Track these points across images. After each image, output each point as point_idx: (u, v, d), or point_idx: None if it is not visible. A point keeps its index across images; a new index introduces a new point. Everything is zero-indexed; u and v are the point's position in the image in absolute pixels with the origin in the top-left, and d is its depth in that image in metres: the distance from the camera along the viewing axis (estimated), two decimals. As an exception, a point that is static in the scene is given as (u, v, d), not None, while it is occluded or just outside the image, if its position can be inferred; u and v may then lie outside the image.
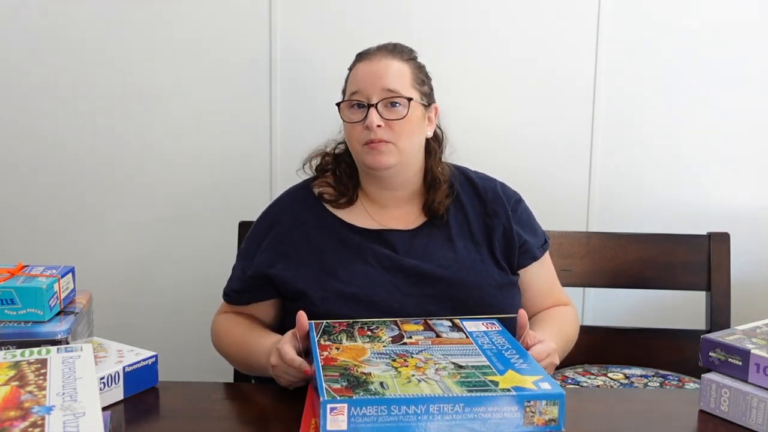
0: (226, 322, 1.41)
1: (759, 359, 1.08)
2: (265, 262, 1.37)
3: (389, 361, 1.08)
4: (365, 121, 1.32)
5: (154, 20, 1.90)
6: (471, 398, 0.97)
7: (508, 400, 0.97)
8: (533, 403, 0.98)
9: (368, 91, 1.33)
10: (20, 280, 1.18)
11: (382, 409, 0.95)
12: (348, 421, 0.94)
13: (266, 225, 1.42)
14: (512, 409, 0.97)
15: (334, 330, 1.20)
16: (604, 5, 1.89)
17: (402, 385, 1.00)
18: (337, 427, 0.94)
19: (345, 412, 0.94)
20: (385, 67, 1.35)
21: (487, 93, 1.93)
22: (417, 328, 1.22)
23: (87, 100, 1.93)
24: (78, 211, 1.97)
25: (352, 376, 1.02)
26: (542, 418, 0.98)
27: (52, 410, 0.88)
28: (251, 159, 1.95)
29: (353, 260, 1.34)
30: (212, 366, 1.74)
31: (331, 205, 1.41)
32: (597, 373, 1.66)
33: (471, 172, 1.49)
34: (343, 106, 1.37)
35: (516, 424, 0.97)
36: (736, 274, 1.78)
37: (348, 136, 1.38)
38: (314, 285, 1.32)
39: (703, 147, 1.95)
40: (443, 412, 0.96)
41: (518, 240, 1.41)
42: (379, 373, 1.03)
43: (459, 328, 1.22)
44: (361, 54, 1.41)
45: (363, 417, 0.94)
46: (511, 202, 1.44)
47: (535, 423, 0.98)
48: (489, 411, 0.97)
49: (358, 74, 1.37)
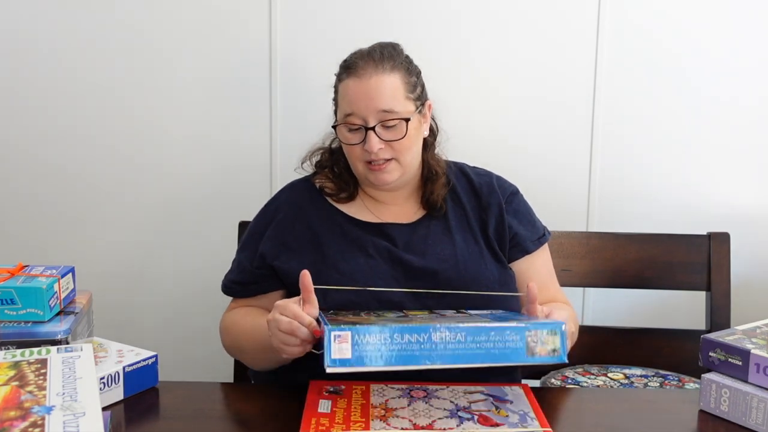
0: (234, 316, 1.39)
1: (759, 359, 1.08)
2: (269, 254, 1.37)
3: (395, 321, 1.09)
4: (365, 145, 1.32)
5: (154, 20, 1.90)
6: (473, 328, 0.99)
7: (509, 331, 1.00)
8: (534, 332, 1.01)
9: (363, 113, 1.31)
10: (20, 280, 1.18)
11: (385, 338, 0.97)
12: (352, 348, 0.96)
13: (268, 217, 1.42)
14: (515, 338, 0.99)
15: (341, 313, 1.21)
16: (604, 5, 1.89)
17: (404, 321, 1.02)
18: (342, 356, 0.96)
19: (349, 339, 0.96)
20: (377, 86, 1.31)
21: (487, 93, 1.93)
22: (422, 313, 1.24)
23: (87, 100, 1.93)
24: (78, 210, 1.98)
25: (356, 323, 1.03)
26: (545, 348, 1.01)
27: (52, 410, 0.88)
28: (251, 159, 1.95)
29: (354, 252, 1.35)
30: (212, 366, 1.75)
31: (332, 198, 1.41)
32: (597, 373, 1.66)
33: (467, 167, 1.49)
34: (339, 128, 1.35)
35: (519, 354, 1.00)
36: (736, 274, 1.78)
37: (348, 155, 1.37)
38: (315, 275, 1.32)
39: (704, 147, 1.95)
40: (446, 340, 0.98)
41: (509, 232, 1.40)
42: (383, 322, 1.05)
43: (464, 313, 1.23)
44: (347, 67, 1.35)
45: (367, 345, 0.96)
46: (506, 194, 1.44)
47: (538, 353, 1.01)
48: (491, 341, 0.99)
49: (350, 94, 1.32)
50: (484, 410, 1.09)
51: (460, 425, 1.04)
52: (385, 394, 1.14)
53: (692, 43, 1.91)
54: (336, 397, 1.12)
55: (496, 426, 1.04)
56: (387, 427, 1.03)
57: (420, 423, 1.05)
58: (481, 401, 1.12)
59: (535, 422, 1.05)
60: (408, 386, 1.17)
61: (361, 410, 1.08)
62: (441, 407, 1.10)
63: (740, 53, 1.92)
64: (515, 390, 1.17)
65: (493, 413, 1.08)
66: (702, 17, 1.91)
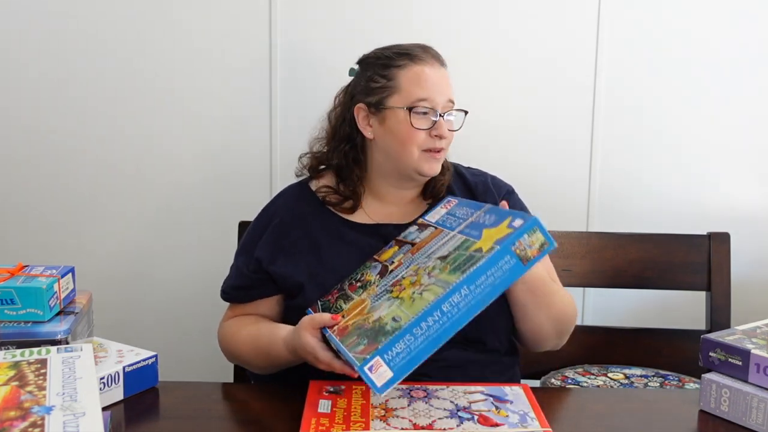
0: (234, 325, 1.39)
1: (759, 359, 1.08)
2: (266, 259, 1.37)
3: (388, 295, 1.11)
4: (432, 130, 1.33)
5: (154, 20, 1.90)
6: (468, 277, 1.01)
7: (497, 257, 1.02)
8: (518, 243, 1.03)
9: (437, 100, 1.33)
10: (20, 280, 1.18)
11: (407, 339, 0.99)
12: (390, 367, 0.98)
13: (265, 221, 1.42)
14: (506, 259, 1.02)
15: (330, 303, 1.22)
16: (604, 5, 1.89)
17: (409, 307, 1.03)
18: (385, 379, 0.98)
19: (382, 363, 0.98)
20: (443, 76, 1.37)
21: (487, 93, 1.93)
22: (393, 251, 1.27)
23: (86, 100, 1.93)
24: (78, 210, 1.98)
25: (367, 330, 1.04)
26: (533, 249, 1.04)
27: (52, 410, 0.88)
28: (251, 159, 1.95)
29: (351, 255, 1.34)
30: (212, 366, 1.74)
31: (336, 208, 1.41)
32: (597, 373, 1.66)
33: (462, 168, 1.49)
34: (402, 112, 1.33)
35: (517, 269, 1.02)
36: (736, 274, 1.78)
37: (405, 140, 1.34)
38: (312, 280, 1.32)
39: (704, 147, 1.95)
40: (455, 303, 1.01)
41: None
42: (386, 312, 1.06)
43: (425, 225, 1.26)
44: (406, 54, 1.35)
45: (398, 356, 0.99)
46: (501, 192, 1.44)
47: (531, 256, 1.03)
48: (489, 275, 1.02)
49: (425, 79, 1.33)
50: (484, 410, 1.09)
51: (460, 425, 1.04)
52: (385, 394, 1.14)
53: (692, 43, 1.92)
54: (336, 397, 1.12)
55: (496, 426, 1.04)
56: (387, 427, 1.03)
57: (420, 423, 1.05)
58: (481, 401, 1.12)
59: (535, 422, 1.05)
60: (408, 386, 1.17)
61: (361, 410, 1.08)
62: (441, 407, 1.10)
63: (740, 53, 1.92)
64: (515, 390, 1.17)
65: (493, 413, 1.08)
66: (702, 17, 1.91)
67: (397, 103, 1.34)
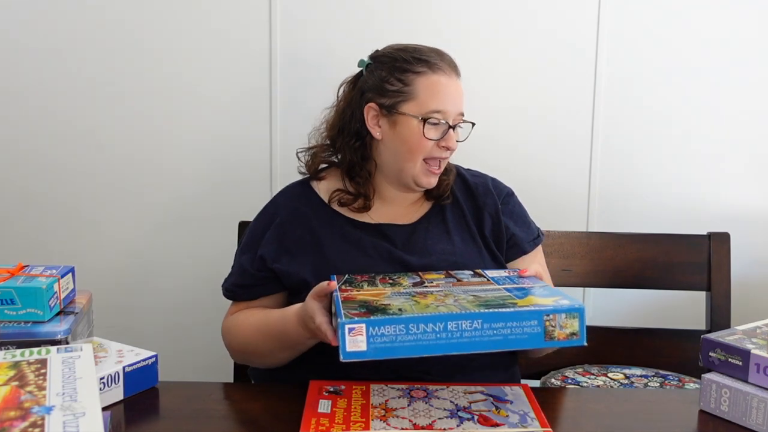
0: (241, 315, 1.38)
1: (759, 359, 1.08)
2: (270, 257, 1.37)
3: (409, 297, 1.08)
4: (441, 141, 1.33)
5: (154, 20, 1.90)
6: (490, 314, 0.96)
7: (527, 315, 0.97)
8: (552, 317, 0.97)
9: (450, 112, 1.33)
10: (20, 280, 1.18)
11: (400, 329, 0.95)
12: (367, 341, 0.94)
13: (266, 220, 1.42)
14: (532, 323, 0.97)
15: (356, 280, 1.21)
16: (604, 5, 1.89)
17: (420, 309, 1.00)
18: (357, 348, 0.94)
19: (363, 332, 0.94)
20: (458, 89, 1.36)
21: (487, 93, 1.93)
22: (438, 276, 1.22)
23: (87, 101, 1.93)
24: (78, 211, 1.98)
25: (370, 305, 1.02)
26: (563, 332, 0.98)
27: (52, 410, 0.87)
28: (251, 159, 1.95)
29: (354, 254, 1.35)
30: (212, 366, 1.75)
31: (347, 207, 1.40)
32: (597, 373, 1.66)
33: (463, 169, 1.49)
34: (415, 120, 1.32)
35: (537, 338, 0.97)
36: (736, 274, 1.78)
37: (413, 148, 1.33)
38: (316, 277, 1.32)
39: (704, 147, 1.95)
40: (462, 329, 0.96)
41: (506, 233, 1.41)
42: (398, 303, 1.04)
43: (480, 275, 1.22)
44: (424, 61, 1.34)
45: (381, 337, 0.95)
46: (501, 195, 1.45)
47: (557, 337, 0.98)
48: (509, 326, 0.96)
49: (442, 91, 1.33)
50: (484, 410, 1.09)
51: (460, 425, 1.04)
52: (385, 394, 1.14)
53: (692, 43, 1.92)
54: (336, 397, 1.12)
55: (496, 426, 1.04)
56: (387, 427, 1.03)
57: (420, 423, 1.05)
58: (481, 401, 1.12)
59: (535, 422, 1.05)
60: (408, 386, 1.17)
61: (361, 410, 1.08)
62: (441, 407, 1.10)
63: (741, 53, 1.92)
64: (515, 390, 1.17)
65: (493, 413, 1.08)
66: (702, 17, 1.91)
67: (411, 111, 1.33)
